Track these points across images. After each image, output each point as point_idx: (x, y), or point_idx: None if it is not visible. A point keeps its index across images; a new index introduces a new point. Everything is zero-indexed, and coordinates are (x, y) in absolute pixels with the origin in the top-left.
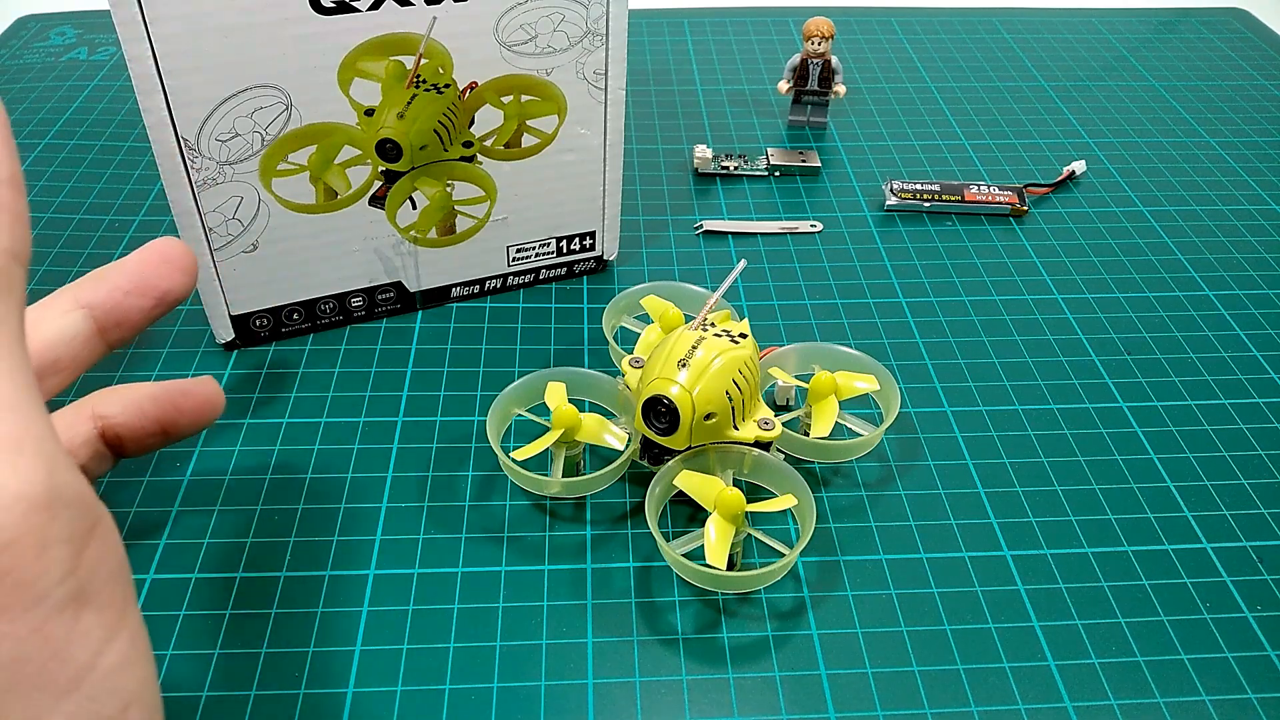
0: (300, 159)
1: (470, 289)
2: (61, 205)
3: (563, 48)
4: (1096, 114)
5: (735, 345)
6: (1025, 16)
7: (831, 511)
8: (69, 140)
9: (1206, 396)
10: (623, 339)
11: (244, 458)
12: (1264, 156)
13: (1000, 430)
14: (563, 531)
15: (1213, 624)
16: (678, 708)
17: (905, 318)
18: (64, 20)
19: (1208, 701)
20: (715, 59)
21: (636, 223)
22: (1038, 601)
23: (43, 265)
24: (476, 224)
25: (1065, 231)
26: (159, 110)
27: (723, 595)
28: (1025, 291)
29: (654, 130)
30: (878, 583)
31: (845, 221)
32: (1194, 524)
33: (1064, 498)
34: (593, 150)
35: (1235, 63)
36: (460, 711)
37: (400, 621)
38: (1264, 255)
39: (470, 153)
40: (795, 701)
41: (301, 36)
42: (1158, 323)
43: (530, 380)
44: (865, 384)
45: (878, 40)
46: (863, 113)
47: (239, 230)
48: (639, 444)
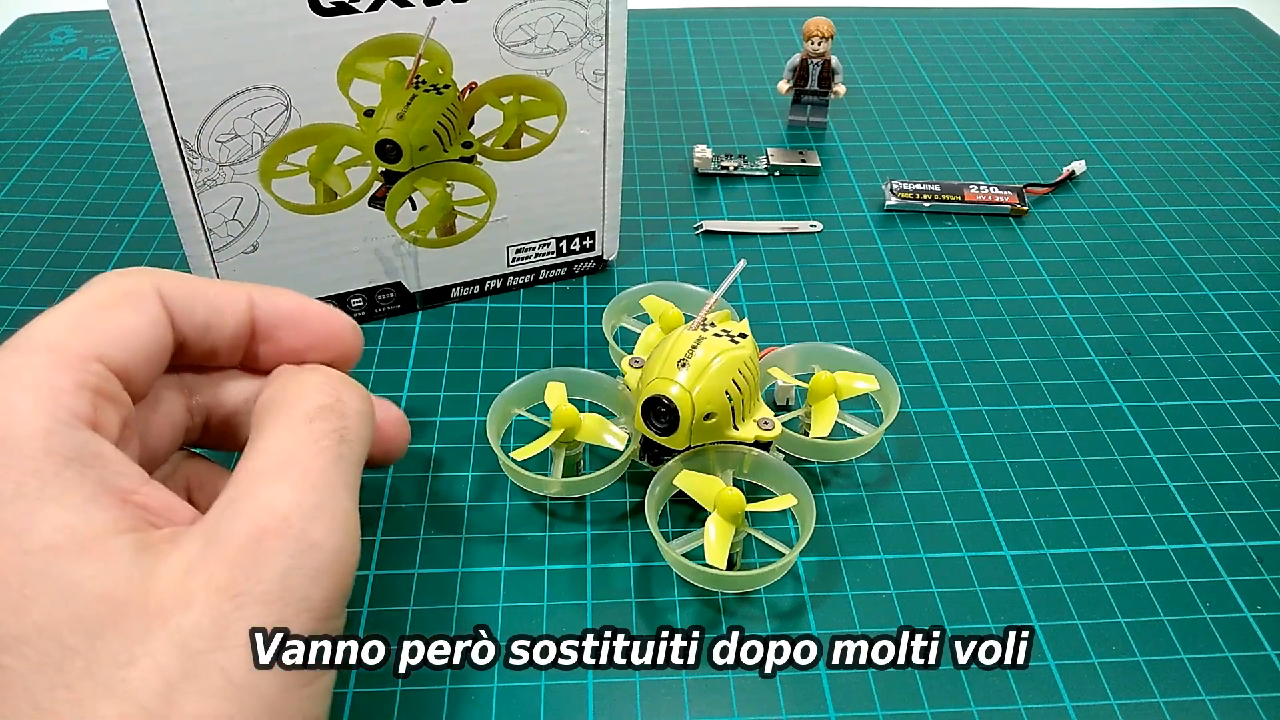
0: (300, 160)
1: (470, 289)
2: (61, 205)
3: (562, 48)
4: (1096, 114)
5: (735, 345)
6: (1025, 16)
7: (831, 511)
8: (69, 140)
9: (1206, 396)
10: (623, 339)
11: None
12: (1264, 156)
13: (1000, 430)
14: (563, 531)
15: (1213, 624)
16: (678, 708)
17: (905, 318)
18: (64, 20)
19: (1208, 701)
20: (715, 59)
21: (636, 223)
22: (1038, 601)
23: (43, 266)
24: (476, 224)
25: (1065, 231)
26: (159, 111)
27: (723, 595)
28: (1025, 291)
29: (654, 130)
30: (878, 583)
31: (845, 221)
32: (1194, 524)
33: (1064, 498)
34: (592, 150)
35: (1235, 63)
36: (460, 711)
37: (400, 622)
38: (1264, 255)
39: (470, 153)
40: (795, 701)
41: (301, 37)
42: (1158, 323)
43: (530, 380)
44: (865, 384)
45: (878, 40)
46: (863, 113)
47: (239, 231)
48: (639, 444)
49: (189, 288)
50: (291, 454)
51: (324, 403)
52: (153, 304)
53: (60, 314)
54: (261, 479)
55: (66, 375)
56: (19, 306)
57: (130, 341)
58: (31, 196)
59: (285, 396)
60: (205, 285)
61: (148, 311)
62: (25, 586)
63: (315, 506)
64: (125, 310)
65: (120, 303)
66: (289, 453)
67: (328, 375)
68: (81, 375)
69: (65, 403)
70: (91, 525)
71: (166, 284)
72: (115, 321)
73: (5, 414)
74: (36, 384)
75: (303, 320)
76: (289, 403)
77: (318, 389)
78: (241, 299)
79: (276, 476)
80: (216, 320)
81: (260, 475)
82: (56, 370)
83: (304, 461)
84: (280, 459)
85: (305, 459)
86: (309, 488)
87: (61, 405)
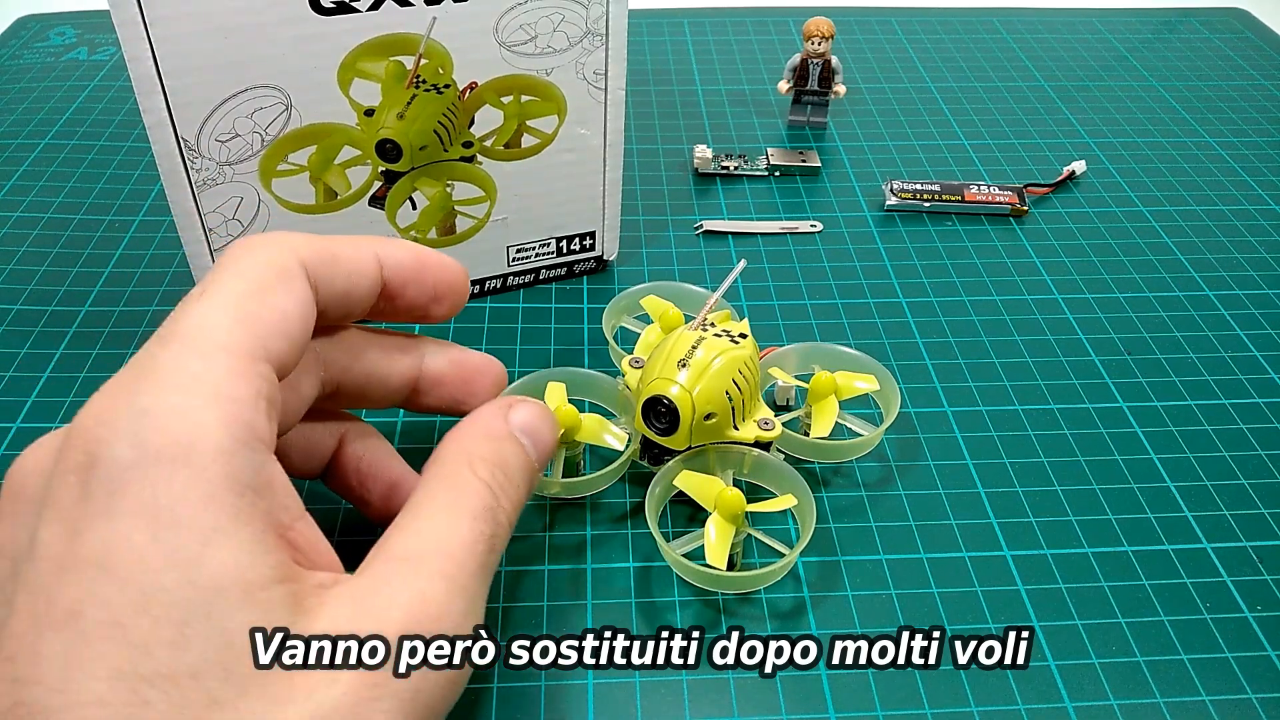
0: (300, 159)
1: (470, 289)
2: (61, 205)
3: (563, 48)
4: (1096, 114)
5: (735, 345)
6: (1025, 16)
7: (831, 511)
8: (69, 140)
9: (1206, 396)
10: (623, 339)
11: None
12: (1264, 156)
13: (1000, 430)
14: (563, 531)
15: (1213, 624)
16: (678, 708)
17: (905, 318)
18: (64, 20)
19: (1208, 701)
20: (715, 59)
21: (636, 223)
22: (1038, 601)
23: (43, 266)
24: (476, 224)
25: (1065, 231)
26: (159, 111)
27: (723, 595)
28: (1025, 291)
29: (654, 130)
30: (878, 583)
31: (845, 221)
32: (1194, 524)
33: (1064, 498)
34: (593, 150)
35: (1235, 63)
36: (460, 711)
37: None
38: (1264, 255)
39: (470, 153)
40: (795, 702)
41: (301, 37)
42: (1158, 323)
43: (530, 380)
44: (865, 384)
45: (878, 40)
46: (863, 113)
47: (239, 231)
48: (639, 444)
49: (327, 255)
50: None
51: (489, 504)
52: (302, 284)
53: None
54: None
55: (244, 384)
56: (19, 306)
57: (289, 329)
58: (31, 196)
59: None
60: (340, 250)
61: (298, 293)
62: (187, 625)
63: (463, 614)
64: (281, 294)
65: (275, 285)
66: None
67: (496, 468)
68: (257, 383)
69: (245, 418)
70: (256, 569)
71: (306, 254)
72: (274, 309)
73: (190, 429)
74: (219, 395)
75: (423, 272)
76: (460, 491)
77: (486, 486)
78: (372, 261)
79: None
80: (354, 289)
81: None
82: (236, 378)
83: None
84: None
85: (461, 558)
86: (460, 592)
87: (241, 421)
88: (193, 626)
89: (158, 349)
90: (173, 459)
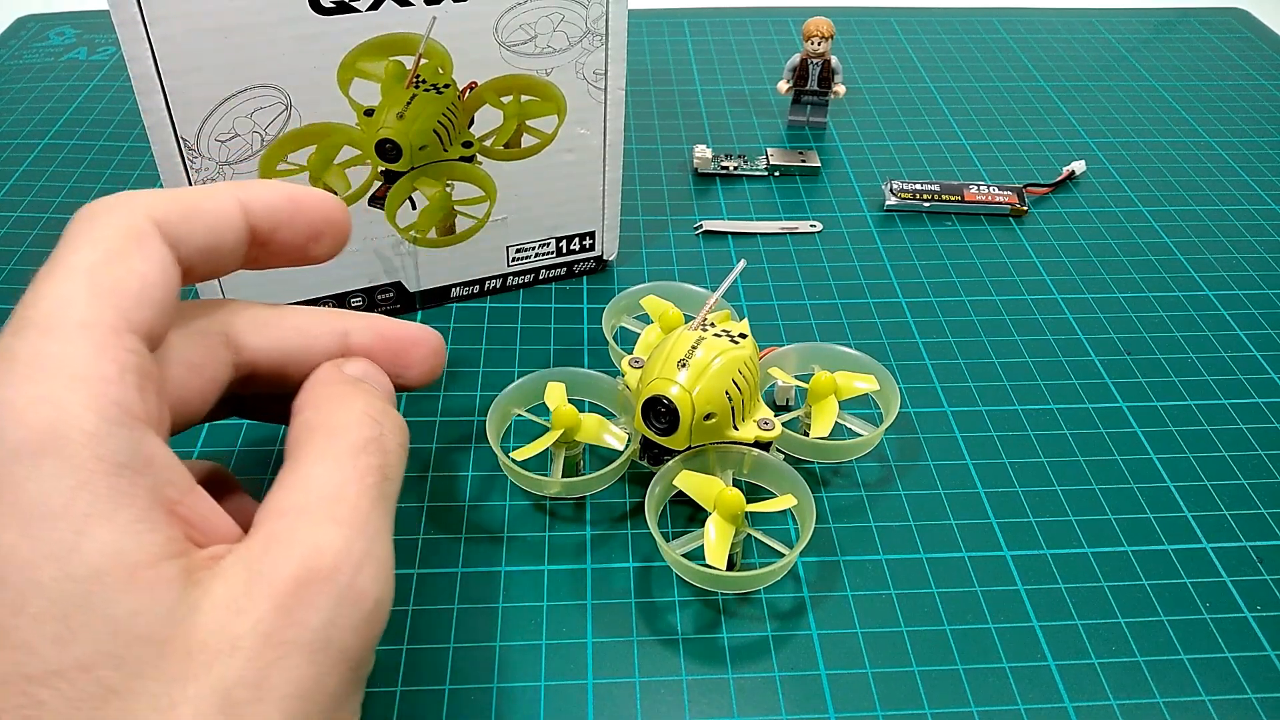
0: (300, 159)
1: (470, 289)
2: (61, 205)
3: (562, 48)
4: (1096, 114)
5: (735, 345)
6: (1025, 16)
7: (831, 511)
8: (69, 140)
9: (1206, 396)
10: (622, 339)
11: (243, 458)
12: (1264, 156)
13: (1000, 430)
14: (563, 531)
15: (1213, 624)
16: (677, 708)
17: (905, 318)
18: (64, 20)
19: (1208, 701)
20: (715, 59)
21: (636, 223)
22: (1038, 601)
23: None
24: (476, 224)
25: (1065, 231)
26: (159, 110)
27: (723, 595)
28: (1025, 291)
29: (654, 130)
30: (878, 583)
31: (845, 221)
32: (1194, 524)
33: (1064, 498)
34: (592, 150)
35: (1235, 63)
36: (460, 711)
37: (400, 621)
38: (1264, 255)
39: (470, 153)
40: (795, 702)
41: (301, 36)
42: (1158, 323)
43: (530, 380)
44: (865, 384)
45: (878, 40)
46: (863, 113)
47: None
48: (639, 444)
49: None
50: (338, 492)
51: (369, 435)
52: (158, 244)
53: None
54: (307, 517)
55: (109, 361)
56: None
57: (151, 295)
58: (31, 196)
59: (328, 424)
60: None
61: (155, 254)
62: (69, 618)
63: (363, 554)
64: (136, 259)
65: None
66: (336, 490)
67: (370, 400)
68: (122, 356)
69: (112, 395)
70: (141, 549)
71: (158, 212)
72: (131, 276)
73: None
74: (82, 376)
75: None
76: (333, 431)
77: (362, 419)
78: (233, 208)
79: (324, 517)
80: (218, 241)
81: (306, 512)
82: (99, 356)
83: (350, 501)
84: (326, 496)
85: (351, 498)
86: (356, 532)
87: (109, 400)
88: (76, 619)
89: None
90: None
